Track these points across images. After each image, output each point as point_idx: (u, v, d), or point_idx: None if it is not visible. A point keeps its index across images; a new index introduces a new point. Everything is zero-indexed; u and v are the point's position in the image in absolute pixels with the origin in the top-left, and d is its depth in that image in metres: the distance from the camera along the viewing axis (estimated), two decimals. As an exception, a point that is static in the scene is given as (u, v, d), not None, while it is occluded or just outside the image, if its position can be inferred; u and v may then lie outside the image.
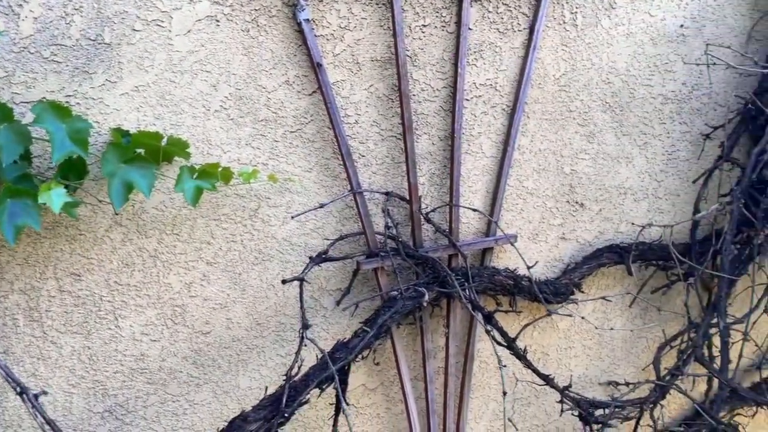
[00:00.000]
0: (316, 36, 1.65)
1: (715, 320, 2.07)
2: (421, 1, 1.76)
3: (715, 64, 2.10)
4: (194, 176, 1.47)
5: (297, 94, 1.66)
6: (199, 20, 1.53)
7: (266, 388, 1.61)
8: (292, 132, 1.68)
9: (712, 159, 2.20)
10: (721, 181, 2.19)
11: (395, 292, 1.72)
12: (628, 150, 2.13)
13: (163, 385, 1.66)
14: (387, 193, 1.77)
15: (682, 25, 2.11)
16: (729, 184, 2.19)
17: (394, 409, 1.96)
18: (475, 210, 1.86)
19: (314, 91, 1.67)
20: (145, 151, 1.42)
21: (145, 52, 1.47)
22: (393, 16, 1.69)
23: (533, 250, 2.07)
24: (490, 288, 1.93)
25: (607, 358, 2.23)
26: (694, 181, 2.19)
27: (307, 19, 1.61)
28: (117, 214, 1.52)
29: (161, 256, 1.59)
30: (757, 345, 2.15)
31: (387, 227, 1.69)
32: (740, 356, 2.09)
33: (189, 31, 1.52)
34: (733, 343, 2.12)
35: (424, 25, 1.78)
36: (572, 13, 1.96)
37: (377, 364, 1.85)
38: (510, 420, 2.09)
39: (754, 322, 2.16)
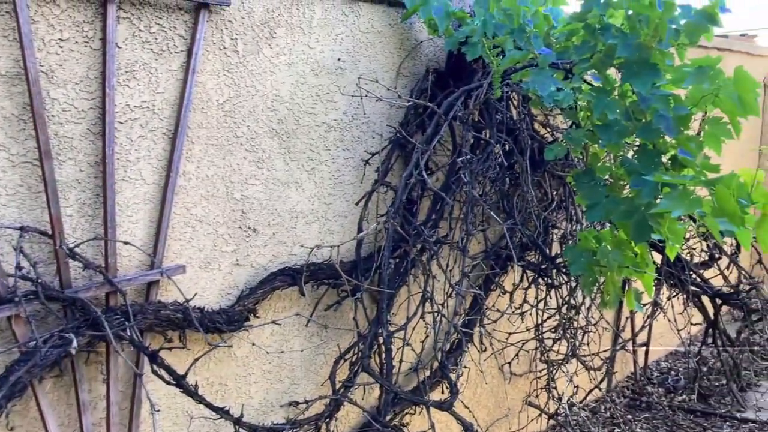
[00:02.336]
0: None
1: (380, 330, 2.25)
2: (57, 13, 1.58)
3: (367, 96, 2.30)
4: None
5: None
6: None
7: None
8: None
9: (373, 182, 2.39)
10: (378, 203, 2.40)
11: (34, 342, 1.49)
12: (298, 175, 2.21)
13: None
14: (21, 228, 1.53)
15: (339, 59, 2.27)
16: (386, 205, 2.41)
17: (46, 475, 1.70)
18: (127, 243, 1.72)
19: None
20: None
21: None
22: (19, 27, 1.48)
23: (206, 279, 2.00)
24: (157, 324, 1.81)
25: (287, 379, 2.26)
26: (356, 203, 2.36)
27: None
28: None
29: None
30: (413, 350, 2.39)
31: (18, 267, 1.46)
32: (401, 361, 2.30)
33: None
34: (398, 350, 2.33)
35: (62, 39, 1.59)
36: (233, 39, 1.96)
37: (12, 429, 1.58)
38: (186, 461, 1.98)
39: (414, 328, 2.40)
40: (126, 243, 1.71)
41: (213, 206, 1.99)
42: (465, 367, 2.62)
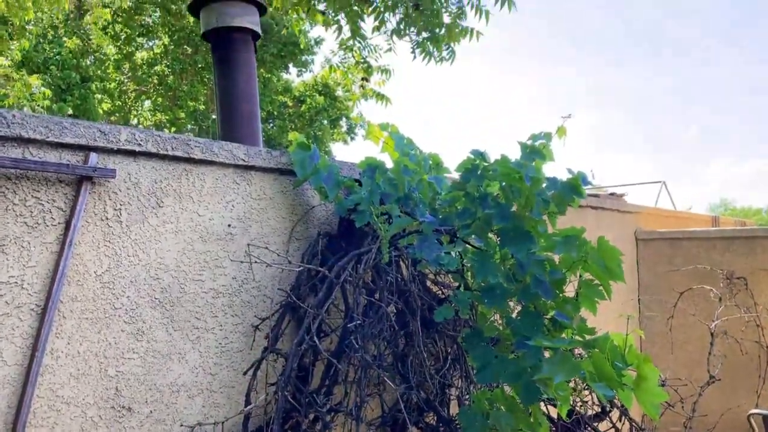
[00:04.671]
0: None
1: None
2: None
3: (256, 262, 2.29)
4: None
5: None
6: None
7: None
8: None
9: (263, 349, 2.31)
10: (268, 371, 2.31)
11: None
12: (181, 345, 2.10)
13: None
14: None
15: (229, 225, 2.27)
16: (277, 373, 2.32)
17: None
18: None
19: None
20: None
21: None
22: None
23: (69, 469, 1.80)
24: None
25: None
26: (244, 373, 2.26)
27: None
28: None
29: None
30: None
31: None
32: None
33: None
34: None
35: None
36: (116, 209, 1.93)
37: None
38: None
39: (307, 508, 2.22)
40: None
41: (83, 386, 1.83)
42: None
